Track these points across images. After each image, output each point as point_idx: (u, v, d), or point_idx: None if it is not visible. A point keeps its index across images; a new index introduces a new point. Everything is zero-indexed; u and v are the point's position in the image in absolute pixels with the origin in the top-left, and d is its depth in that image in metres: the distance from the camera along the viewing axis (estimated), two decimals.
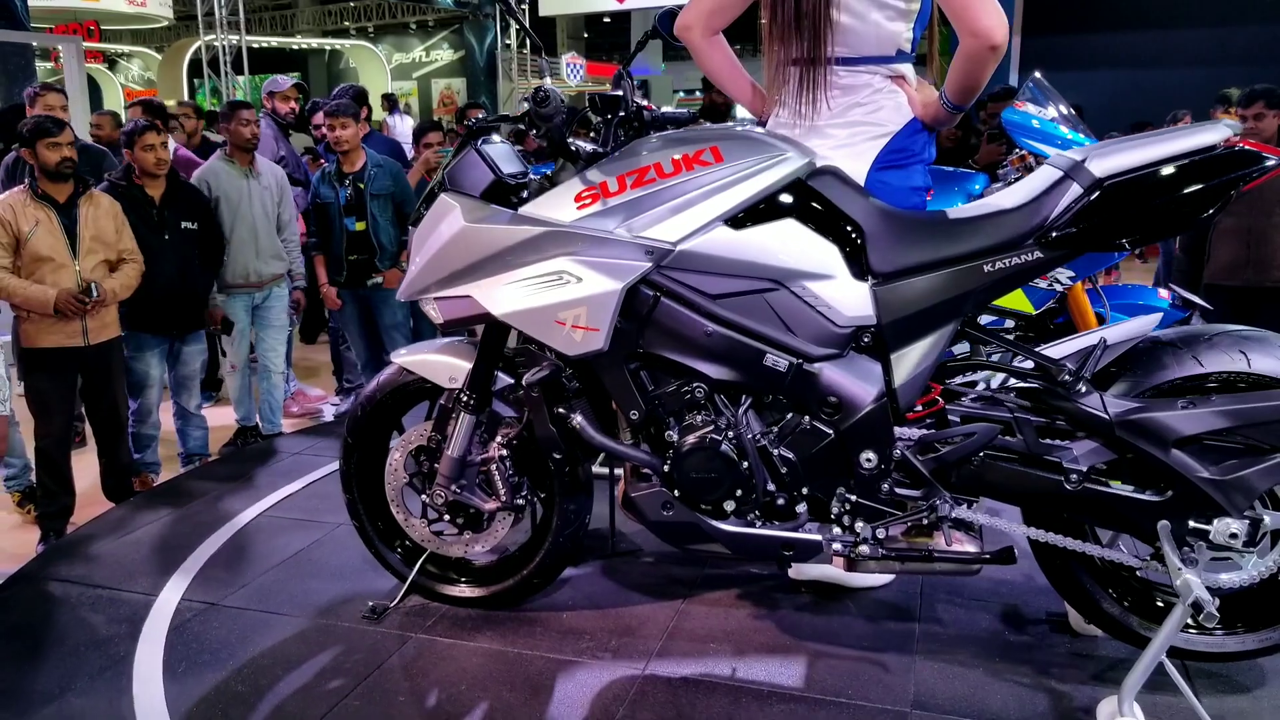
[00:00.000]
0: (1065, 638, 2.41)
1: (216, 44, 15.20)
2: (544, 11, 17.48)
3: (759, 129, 2.32)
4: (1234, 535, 1.96)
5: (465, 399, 2.48)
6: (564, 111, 2.24)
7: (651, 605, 2.68)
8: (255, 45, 18.49)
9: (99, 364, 3.83)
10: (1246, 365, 1.95)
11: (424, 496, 2.61)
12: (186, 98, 18.70)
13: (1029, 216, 2.02)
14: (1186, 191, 1.89)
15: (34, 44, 11.59)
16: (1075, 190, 1.96)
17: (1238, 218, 4.49)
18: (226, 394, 5.22)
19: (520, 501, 2.57)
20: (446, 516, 2.59)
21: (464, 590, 2.70)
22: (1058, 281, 2.94)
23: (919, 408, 2.16)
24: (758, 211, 2.13)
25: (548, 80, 2.32)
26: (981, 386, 2.20)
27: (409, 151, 6.38)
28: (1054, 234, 1.98)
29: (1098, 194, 1.94)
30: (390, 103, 13.36)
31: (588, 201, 2.18)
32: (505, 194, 2.33)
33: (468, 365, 2.48)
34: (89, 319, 3.73)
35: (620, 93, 2.34)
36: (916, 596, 2.65)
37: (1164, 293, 3.42)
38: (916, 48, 2.32)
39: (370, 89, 10.70)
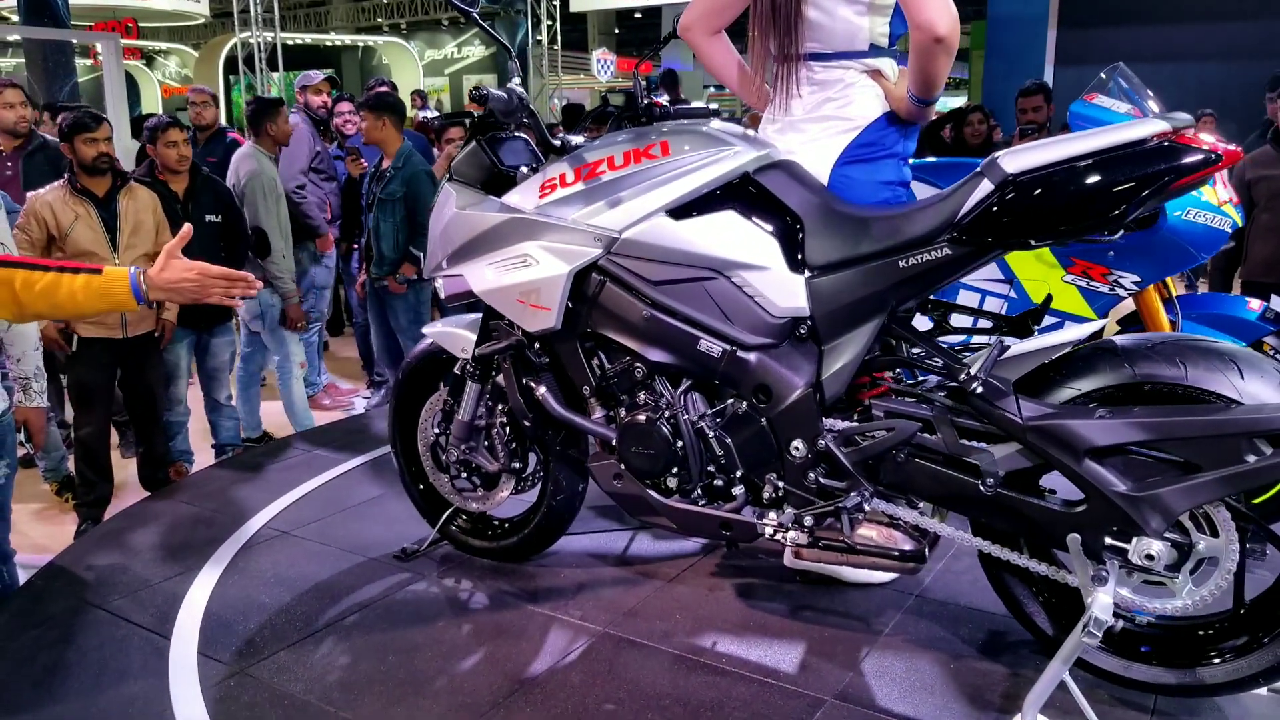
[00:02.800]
0: (1040, 660, 2.27)
1: (252, 41, 15.38)
2: (575, 7, 17.49)
3: (730, 123, 2.40)
4: (1150, 557, 1.83)
5: (470, 368, 2.69)
6: (524, 107, 2.45)
7: (644, 575, 2.81)
8: (289, 42, 18.66)
9: (136, 355, 3.90)
10: (1183, 376, 1.83)
11: (444, 455, 2.83)
12: (223, 93, 18.92)
13: (942, 213, 1.98)
14: (1098, 188, 1.79)
15: (73, 41, 11.78)
16: (986, 187, 1.89)
17: (1274, 214, 4.42)
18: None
19: (517, 465, 2.75)
20: (463, 474, 2.79)
21: (478, 542, 2.94)
22: (1120, 286, 2.80)
23: (867, 401, 2.16)
24: (703, 203, 2.20)
25: (515, 81, 2.53)
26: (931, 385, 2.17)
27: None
28: (960, 230, 1.93)
29: (1005, 190, 1.86)
30: (421, 99, 13.44)
31: (548, 191, 2.36)
32: (503, 184, 2.50)
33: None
34: (129, 312, 3.80)
35: (632, 89, 2.48)
36: (907, 598, 2.62)
37: (1255, 303, 3.14)
38: (897, 41, 2.33)
39: (402, 85, 10.79)
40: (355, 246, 5.44)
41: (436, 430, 2.84)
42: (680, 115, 2.52)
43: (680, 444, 2.28)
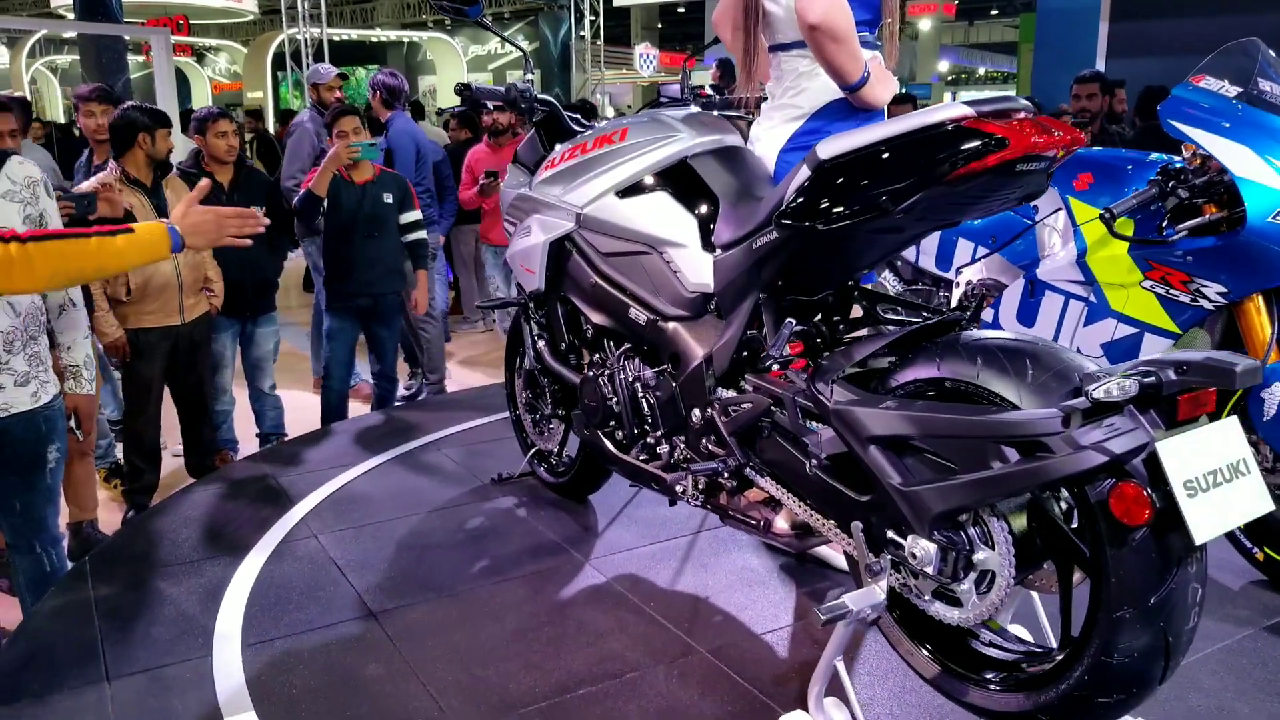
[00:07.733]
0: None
1: (299, 37, 15.59)
2: (619, 1, 17.49)
3: (702, 110, 2.62)
4: (915, 556, 1.76)
5: (526, 323, 3.05)
6: (526, 97, 2.79)
7: (660, 532, 3.00)
8: (336, 38, 18.87)
9: (189, 342, 3.95)
10: (975, 376, 1.75)
11: (520, 397, 3.22)
12: (270, 88, 19.17)
13: (775, 197, 2.00)
14: (883, 174, 1.75)
15: (126, 37, 12.00)
16: (804, 173, 1.89)
17: None
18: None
19: (561, 411, 3.00)
20: (533, 414, 3.15)
21: (547, 477, 3.32)
22: (1202, 297, 2.53)
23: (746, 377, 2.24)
24: (647, 185, 2.41)
25: (528, 75, 2.85)
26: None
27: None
28: (782, 215, 1.94)
29: (817, 176, 1.86)
30: None
31: (546, 171, 2.68)
32: None
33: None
34: (185, 297, 3.85)
35: (678, 81, 2.74)
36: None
37: None
38: (876, 31, 2.36)
39: (447, 80, 10.85)
40: None
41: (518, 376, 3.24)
42: (723, 105, 2.68)
43: (615, 401, 2.49)
